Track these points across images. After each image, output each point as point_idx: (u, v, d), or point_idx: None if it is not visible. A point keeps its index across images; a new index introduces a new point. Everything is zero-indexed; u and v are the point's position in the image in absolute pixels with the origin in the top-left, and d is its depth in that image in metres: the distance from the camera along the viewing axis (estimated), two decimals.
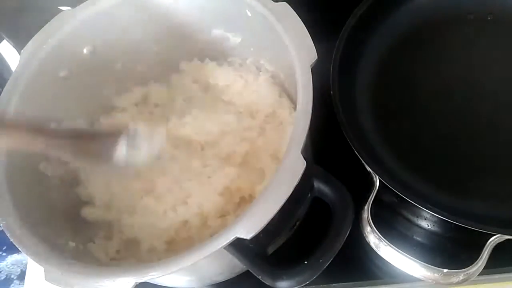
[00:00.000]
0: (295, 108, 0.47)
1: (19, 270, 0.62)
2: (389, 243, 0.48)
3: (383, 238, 0.48)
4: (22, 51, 0.53)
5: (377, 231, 0.48)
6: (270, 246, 0.42)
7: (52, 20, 0.54)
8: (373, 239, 0.49)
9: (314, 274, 0.40)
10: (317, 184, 0.43)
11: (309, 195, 0.43)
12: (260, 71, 0.61)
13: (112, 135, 0.48)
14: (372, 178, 0.51)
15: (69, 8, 0.58)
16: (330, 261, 0.41)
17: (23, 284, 0.60)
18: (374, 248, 0.49)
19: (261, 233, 0.38)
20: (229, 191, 0.52)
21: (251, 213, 0.39)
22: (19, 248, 0.43)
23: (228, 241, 0.38)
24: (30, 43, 0.53)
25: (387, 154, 0.57)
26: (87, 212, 0.54)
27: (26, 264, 0.61)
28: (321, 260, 0.40)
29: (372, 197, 0.50)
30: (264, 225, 0.38)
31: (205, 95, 0.61)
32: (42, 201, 0.50)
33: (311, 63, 0.46)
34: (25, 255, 0.43)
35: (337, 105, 0.55)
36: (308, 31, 0.47)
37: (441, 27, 0.66)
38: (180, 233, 0.52)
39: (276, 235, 0.42)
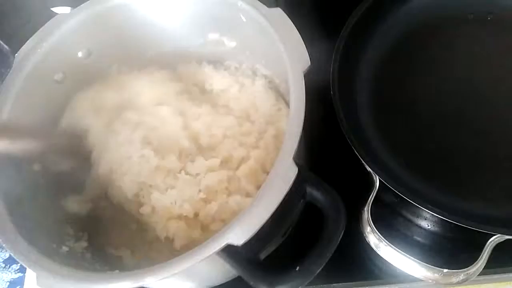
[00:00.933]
0: None
1: (8, 254, 0.63)
2: (389, 243, 0.48)
3: (383, 238, 0.48)
4: (16, 54, 0.53)
5: (377, 231, 0.48)
6: (262, 252, 0.42)
7: (46, 24, 0.54)
8: (373, 239, 0.49)
9: (306, 280, 0.40)
10: (309, 190, 0.43)
11: (302, 201, 0.43)
12: (256, 76, 0.60)
13: None
14: (372, 178, 0.51)
15: (62, 11, 0.58)
16: (322, 267, 0.41)
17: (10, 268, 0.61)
18: (374, 248, 0.49)
19: (253, 239, 0.38)
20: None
21: (242, 219, 0.39)
22: (11, 253, 0.42)
23: (219, 247, 0.38)
24: (24, 46, 0.53)
25: (387, 154, 0.57)
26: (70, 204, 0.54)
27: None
28: (312, 266, 0.40)
29: (372, 197, 0.50)
30: (256, 231, 0.38)
31: (203, 97, 0.61)
32: (35, 206, 0.50)
33: (304, 70, 0.45)
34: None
35: (337, 105, 0.55)
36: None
37: (441, 27, 0.66)
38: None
39: (268, 241, 0.42)
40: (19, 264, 0.64)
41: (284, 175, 0.40)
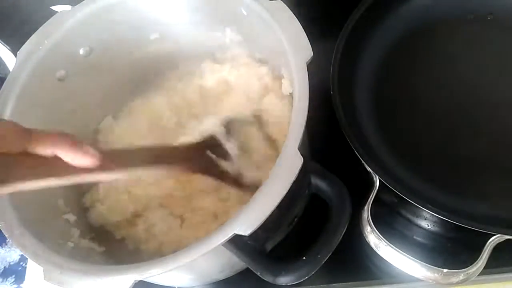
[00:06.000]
0: None
1: (2, 267, 0.62)
2: (389, 243, 0.48)
3: (383, 238, 0.48)
4: (18, 52, 0.53)
5: (377, 231, 0.48)
6: (268, 242, 0.42)
7: (48, 21, 0.54)
8: (373, 239, 0.49)
9: (313, 269, 0.40)
10: (315, 180, 0.43)
11: (307, 191, 0.43)
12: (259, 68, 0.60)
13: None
14: (372, 178, 0.51)
15: (63, 9, 0.58)
16: (328, 256, 0.41)
17: (6, 281, 0.61)
18: (374, 248, 0.49)
19: (259, 229, 0.38)
20: None
21: (249, 209, 0.39)
22: (18, 248, 0.43)
23: (226, 237, 0.38)
24: (26, 44, 0.53)
25: (387, 154, 0.57)
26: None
27: (9, 262, 0.62)
28: (319, 255, 0.41)
29: (372, 197, 0.50)
30: (263, 222, 0.38)
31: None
32: (40, 200, 0.50)
33: (307, 60, 0.46)
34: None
35: (337, 105, 0.55)
36: (308, 30, 0.47)
37: (441, 27, 0.66)
38: None
39: (274, 231, 0.42)
40: (14, 276, 0.63)
41: (290, 164, 0.40)
